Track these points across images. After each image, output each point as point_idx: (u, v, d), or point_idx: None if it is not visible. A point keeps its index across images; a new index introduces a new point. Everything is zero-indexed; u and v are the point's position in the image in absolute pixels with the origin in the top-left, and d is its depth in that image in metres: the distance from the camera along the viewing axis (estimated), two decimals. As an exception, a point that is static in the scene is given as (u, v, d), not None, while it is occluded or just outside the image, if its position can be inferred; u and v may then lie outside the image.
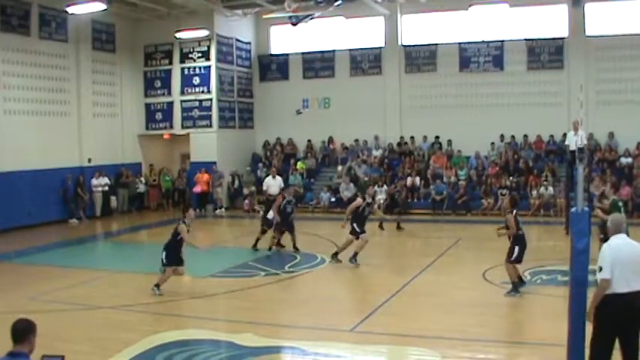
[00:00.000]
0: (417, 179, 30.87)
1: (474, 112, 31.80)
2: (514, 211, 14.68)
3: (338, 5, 28.86)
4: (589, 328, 8.42)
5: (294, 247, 20.14)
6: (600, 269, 8.16)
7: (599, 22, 30.71)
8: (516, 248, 14.44)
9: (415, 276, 16.55)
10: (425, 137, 33.14)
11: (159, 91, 33.64)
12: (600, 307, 8.19)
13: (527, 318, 13.17)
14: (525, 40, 31.75)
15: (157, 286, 14.76)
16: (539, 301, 14.09)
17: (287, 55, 35.67)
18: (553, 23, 31.46)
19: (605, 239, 8.84)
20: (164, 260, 14.87)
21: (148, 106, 33.85)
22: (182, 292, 16.03)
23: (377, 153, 33.31)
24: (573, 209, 9.26)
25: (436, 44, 33.03)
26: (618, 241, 8.41)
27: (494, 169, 30.38)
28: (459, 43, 32.60)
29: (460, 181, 30.19)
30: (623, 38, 30.08)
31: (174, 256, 15.01)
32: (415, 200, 30.32)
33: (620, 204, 16.47)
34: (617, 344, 8.33)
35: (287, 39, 35.28)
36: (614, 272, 8.09)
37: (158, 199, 33.42)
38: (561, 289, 13.46)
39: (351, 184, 30.92)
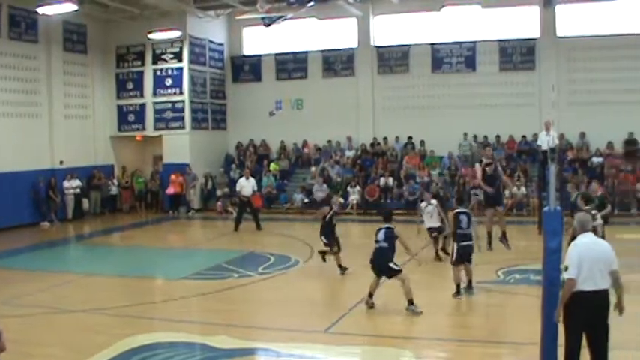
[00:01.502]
0: (391, 180, 30.91)
1: (447, 112, 31.91)
2: (456, 210, 14.88)
3: (310, 6, 28.87)
4: (562, 327, 8.49)
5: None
6: (566, 268, 8.28)
7: (569, 23, 31.01)
8: (454, 247, 14.52)
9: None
10: (398, 138, 33.19)
11: (131, 93, 33.41)
12: (569, 306, 8.30)
13: (501, 317, 13.23)
14: (497, 41, 31.91)
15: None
16: (513, 301, 14.15)
17: (260, 56, 35.59)
18: (524, 24, 31.65)
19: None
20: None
21: (120, 107, 33.59)
22: (155, 295, 15.98)
23: (350, 154, 33.31)
24: (545, 209, 9.31)
25: (409, 45, 33.09)
26: (585, 239, 8.52)
27: (467, 169, 30.47)
28: (432, 44, 32.71)
29: (433, 181, 30.25)
30: (593, 39, 30.36)
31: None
32: (388, 201, 30.35)
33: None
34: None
35: (260, 40, 35.23)
36: (582, 271, 8.22)
37: (131, 202, 33.19)
38: (534, 288, 13.52)
39: (324, 185, 30.97)
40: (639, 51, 29.55)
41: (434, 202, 19.11)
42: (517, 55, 31.73)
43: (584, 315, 8.29)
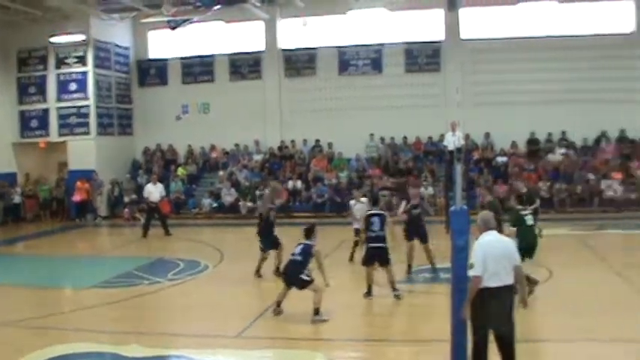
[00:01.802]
0: (299, 183, 31.00)
1: (354, 114, 32.12)
2: (368, 211, 14.97)
3: (217, 9, 28.68)
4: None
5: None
6: (472, 266, 8.48)
7: (473, 26, 31.73)
8: (365, 248, 14.64)
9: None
10: (305, 140, 33.29)
11: (34, 98, 32.60)
12: (475, 302, 8.52)
13: (412, 316, 13.40)
14: (403, 43, 32.39)
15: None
16: (424, 299, 14.39)
17: (166, 60, 35.21)
18: (430, 27, 32.22)
19: None
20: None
21: (22, 113, 32.75)
22: (64, 305, 15.64)
23: (258, 157, 33.23)
24: (452, 208, 9.48)
25: (315, 48, 33.29)
26: (489, 237, 8.78)
27: (375, 170, 30.81)
28: (338, 47, 32.95)
29: (341, 183, 30.45)
30: (496, 42, 31.19)
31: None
32: (297, 203, 30.41)
33: (497, 203, 16.97)
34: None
35: (166, 43, 34.85)
36: (487, 268, 8.45)
37: (35, 210, 32.33)
38: (444, 286, 13.72)
39: (233, 189, 30.85)
40: (540, 53, 30.51)
41: (364, 199, 19.11)
42: (422, 57, 32.28)
43: (490, 310, 8.50)
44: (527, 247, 13.25)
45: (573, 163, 30.04)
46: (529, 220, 13.88)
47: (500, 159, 30.60)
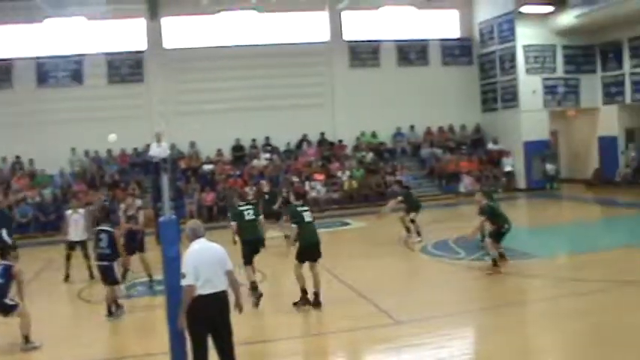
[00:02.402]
0: (1, 203, 29.34)
1: (56, 128, 30.82)
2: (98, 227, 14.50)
3: None
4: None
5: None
6: (184, 276, 8.51)
7: (176, 35, 31.98)
8: None
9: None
10: (4, 158, 31.38)
11: None
12: (191, 311, 8.51)
13: (134, 331, 13.08)
14: (105, 53, 31.80)
15: None
16: (139, 314, 14.10)
17: None
18: (132, 37, 31.94)
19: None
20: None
21: None
22: None
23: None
24: (162, 218, 9.39)
25: (10, 59, 31.53)
26: (198, 245, 8.82)
27: (81, 185, 29.92)
28: (36, 58, 31.55)
29: (45, 200, 29.22)
30: (198, 51, 31.64)
31: None
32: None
33: (244, 208, 16.04)
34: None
35: None
36: (199, 276, 8.48)
37: None
38: (158, 298, 13.57)
39: None
40: (242, 61, 31.75)
41: (81, 211, 18.38)
42: (125, 68, 32.02)
43: (206, 318, 8.54)
44: (307, 245, 13.25)
45: (277, 167, 31.20)
46: (307, 216, 13.65)
47: (207, 167, 31.10)
